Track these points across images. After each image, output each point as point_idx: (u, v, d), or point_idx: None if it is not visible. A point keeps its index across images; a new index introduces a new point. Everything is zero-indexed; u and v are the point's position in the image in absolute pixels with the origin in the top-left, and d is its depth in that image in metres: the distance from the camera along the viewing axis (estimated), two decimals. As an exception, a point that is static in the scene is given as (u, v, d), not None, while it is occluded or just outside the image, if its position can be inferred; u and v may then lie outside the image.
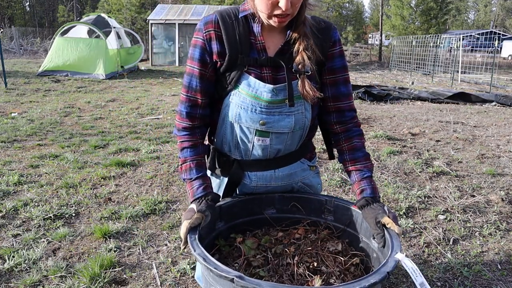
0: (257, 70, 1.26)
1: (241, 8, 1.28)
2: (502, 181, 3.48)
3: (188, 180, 1.31)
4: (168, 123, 5.66)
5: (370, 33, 48.08)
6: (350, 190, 3.23)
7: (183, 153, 1.33)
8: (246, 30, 1.25)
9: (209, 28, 1.24)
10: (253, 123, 1.28)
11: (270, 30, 1.27)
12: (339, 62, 1.32)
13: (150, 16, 17.87)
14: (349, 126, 1.38)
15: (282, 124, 1.28)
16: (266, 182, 1.41)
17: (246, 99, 1.26)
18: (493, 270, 2.14)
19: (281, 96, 1.25)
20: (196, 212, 1.21)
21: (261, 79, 1.25)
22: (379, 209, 1.24)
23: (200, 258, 1.04)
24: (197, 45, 1.26)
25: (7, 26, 29.55)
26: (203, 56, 1.26)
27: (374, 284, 0.96)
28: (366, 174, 1.34)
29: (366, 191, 1.31)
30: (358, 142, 1.37)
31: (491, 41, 24.86)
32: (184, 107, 1.31)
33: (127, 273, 2.06)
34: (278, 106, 1.26)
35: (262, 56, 1.25)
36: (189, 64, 1.29)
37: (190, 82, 1.30)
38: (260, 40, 1.25)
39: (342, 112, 1.37)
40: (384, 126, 5.62)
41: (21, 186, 3.17)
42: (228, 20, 1.24)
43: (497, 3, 59.04)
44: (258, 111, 1.26)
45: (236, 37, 1.23)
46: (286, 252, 1.29)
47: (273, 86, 1.24)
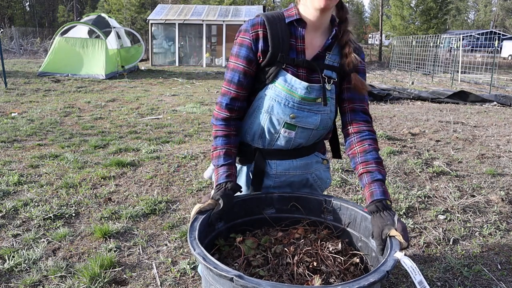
0: (294, 69, 1.38)
1: (286, 14, 1.41)
2: (502, 181, 3.48)
3: (216, 166, 1.41)
4: (168, 123, 5.66)
5: (370, 33, 48.09)
6: (350, 190, 3.24)
7: (216, 141, 1.44)
8: (288, 32, 1.37)
9: (256, 29, 1.37)
10: (284, 115, 1.39)
11: (311, 35, 1.40)
12: (362, 77, 1.44)
13: (150, 16, 17.86)
14: (362, 128, 1.41)
15: (309, 121, 1.41)
16: (285, 170, 1.51)
17: (281, 93, 1.38)
18: (493, 270, 2.14)
19: (313, 95, 1.38)
20: (210, 198, 1.31)
21: (297, 77, 1.37)
22: (388, 219, 1.21)
23: (200, 257, 1.05)
24: (243, 44, 1.38)
25: (7, 26, 29.56)
26: (249, 54, 1.38)
27: (374, 283, 0.96)
28: (376, 177, 1.32)
29: (375, 193, 1.28)
30: (370, 145, 1.38)
31: (491, 41, 24.87)
32: (225, 99, 1.42)
33: (127, 273, 2.06)
34: (308, 104, 1.38)
35: (300, 57, 1.38)
36: (234, 60, 1.40)
37: (233, 77, 1.40)
38: (300, 43, 1.38)
39: (356, 112, 1.43)
40: (384, 126, 5.63)
41: (21, 186, 3.17)
42: (273, 22, 1.37)
43: (497, 3, 59.03)
44: (290, 105, 1.38)
45: (279, 37, 1.36)
46: (285, 251, 1.29)
47: (308, 84, 1.36)
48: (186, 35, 17.87)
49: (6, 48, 21.19)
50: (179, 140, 4.71)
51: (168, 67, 16.37)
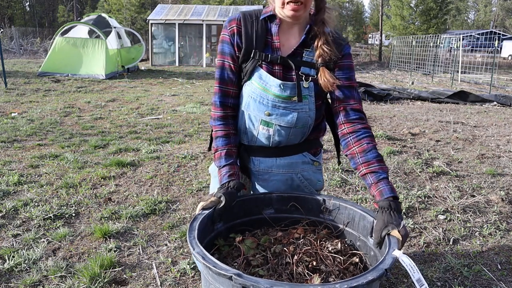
0: (269, 66, 1.38)
1: (263, 10, 1.43)
2: (502, 181, 3.48)
3: (218, 168, 1.43)
4: (168, 123, 5.67)
5: (370, 33, 48.10)
6: (350, 190, 3.24)
7: (216, 142, 1.46)
8: (263, 29, 1.39)
9: (232, 25, 1.41)
10: (259, 112, 1.41)
11: (287, 32, 1.41)
12: (346, 73, 1.41)
13: (150, 16, 17.87)
14: (357, 127, 1.39)
15: (285, 119, 1.40)
16: (267, 168, 1.52)
17: (256, 90, 1.39)
18: (493, 270, 2.14)
19: (287, 92, 1.37)
20: (212, 196, 1.33)
21: (272, 74, 1.37)
22: (395, 220, 1.20)
23: (199, 256, 1.05)
24: (224, 41, 1.42)
25: (7, 26, 29.56)
26: (231, 49, 1.41)
27: (372, 281, 0.96)
28: (382, 176, 1.31)
29: (385, 191, 1.27)
30: (368, 143, 1.36)
31: (491, 41, 24.86)
32: (218, 97, 1.45)
33: (127, 273, 2.07)
34: (283, 102, 1.38)
35: (275, 54, 1.38)
36: (219, 58, 1.44)
37: (221, 74, 1.44)
38: (276, 40, 1.39)
39: (348, 111, 1.40)
40: (384, 126, 5.63)
41: (21, 186, 3.17)
42: (248, 19, 1.40)
43: (497, 3, 59.04)
44: (264, 103, 1.39)
45: (253, 33, 1.38)
46: (285, 251, 1.30)
47: (281, 81, 1.36)
48: (186, 35, 17.86)
49: (6, 48, 21.20)
50: (179, 140, 4.71)
51: (168, 67, 16.37)
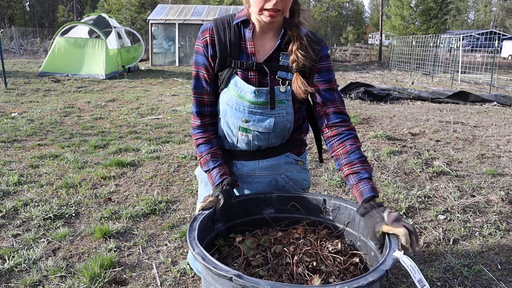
0: (245, 72, 1.38)
1: (236, 15, 1.40)
2: (502, 181, 3.48)
3: (208, 172, 1.44)
4: (168, 123, 5.66)
5: (370, 33, 48.09)
6: (350, 190, 3.24)
7: (199, 149, 1.47)
8: (237, 35, 1.37)
9: (205, 35, 1.39)
10: (236, 119, 1.41)
11: (261, 37, 1.39)
12: (325, 75, 1.39)
13: (150, 16, 17.86)
14: (341, 130, 1.37)
15: (262, 124, 1.40)
16: (250, 171, 1.53)
17: (232, 98, 1.39)
18: (493, 270, 2.14)
19: (262, 98, 1.36)
20: (210, 196, 1.34)
21: (247, 81, 1.37)
22: (377, 216, 1.20)
23: (199, 257, 1.05)
24: (198, 52, 1.41)
25: (7, 26, 29.55)
26: (205, 61, 1.41)
27: (373, 282, 0.96)
28: (363, 176, 1.30)
29: (364, 191, 1.27)
30: (352, 145, 1.35)
31: (491, 41, 24.85)
32: (194, 107, 1.47)
33: (127, 273, 2.06)
34: (259, 108, 1.38)
35: (250, 60, 1.37)
36: (194, 68, 1.44)
37: (196, 84, 1.44)
38: (250, 45, 1.37)
39: (330, 115, 1.39)
40: (384, 126, 5.63)
41: (21, 186, 3.17)
42: (221, 26, 1.38)
43: (497, 3, 59.03)
44: (241, 110, 1.39)
45: (226, 41, 1.36)
46: (285, 251, 1.29)
47: (255, 88, 1.35)
48: (186, 35, 17.86)
49: (6, 48, 21.19)
50: (179, 140, 4.71)
51: (168, 67, 16.37)
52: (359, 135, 4.93)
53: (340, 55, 28.05)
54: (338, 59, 26.23)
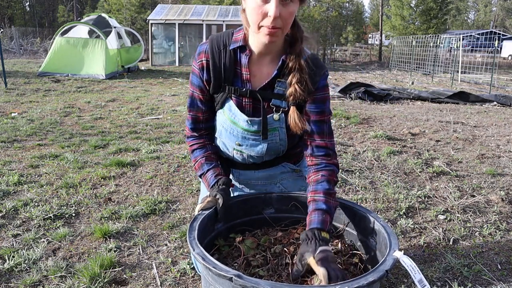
0: (239, 98, 1.37)
1: (233, 38, 1.36)
2: (502, 181, 3.48)
3: (202, 175, 1.44)
4: (168, 123, 5.66)
5: (370, 33, 48.08)
6: (350, 190, 3.24)
7: (194, 154, 1.48)
8: (232, 60, 1.34)
9: (201, 58, 1.38)
10: (230, 141, 1.44)
11: (258, 61, 1.35)
12: (318, 107, 1.35)
13: (150, 16, 17.86)
14: (320, 161, 1.36)
15: (255, 149, 1.43)
16: (246, 180, 1.57)
17: (226, 121, 1.41)
18: (493, 270, 2.14)
19: (255, 127, 1.37)
20: (208, 197, 1.34)
21: (241, 107, 1.37)
22: (310, 247, 1.14)
23: (199, 257, 1.05)
24: (194, 73, 1.42)
25: (7, 26, 29.55)
26: (200, 82, 1.41)
27: (373, 282, 0.96)
28: (320, 207, 1.26)
29: (312, 222, 1.23)
30: (323, 176, 1.33)
31: (491, 41, 24.85)
32: (189, 123, 1.49)
33: (127, 273, 2.06)
34: (252, 135, 1.39)
35: (245, 86, 1.36)
36: (190, 88, 1.45)
37: (191, 103, 1.46)
38: (245, 72, 1.35)
39: (313, 147, 1.37)
40: (384, 126, 5.63)
41: (21, 186, 3.17)
42: (216, 50, 1.35)
43: (497, 3, 59.02)
44: (235, 134, 1.41)
45: (221, 66, 1.34)
46: (285, 251, 1.29)
47: (247, 118, 1.36)
48: (186, 35, 17.86)
49: (6, 48, 21.19)
50: (179, 140, 4.71)
51: (168, 67, 16.37)
52: (359, 135, 4.95)
53: (340, 55, 28.04)
54: (338, 59, 26.23)
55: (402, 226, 2.63)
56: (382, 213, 2.82)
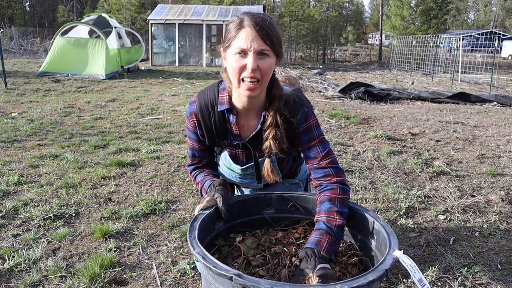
0: (232, 149, 1.53)
1: (219, 99, 1.46)
2: (502, 181, 3.48)
3: (202, 189, 1.55)
4: (168, 123, 5.66)
5: (370, 33, 48.08)
6: (350, 190, 3.23)
7: (196, 179, 1.60)
8: (222, 119, 1.47)
9: (193, 118, 1.52)
10: (232, 180, 1.64)
11: (245, 116, 1.47)
12: (304, 137, 1.45)
13: (150, 16, 17.86)
14: (321, 183, 1.43)
15: (253, 185, 1.62)
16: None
17: (224, 167, 1.60)
18: (493, 270, 2.14)
19: (250, 171, 1.55)
20: (207, 197, 1.40)
21: (235, 157, 1.55)
22: (310, 264, 1.17)
23: (200, 256, 1.05)
24: (189, 129, 1.56)
25: (7, 26, 29.54)
26: (196, 136, 1.55)
27: (373, 281, 0.96)
28: (319, 227, 1.31)
29: (310, 241, 1.27)
30: (325, 196, 1.39)
31: (491, 41, 24.85)
32: (193, 167, 1.64)
33: (127, 273, 2.06)
34: (249, 176, 1.58)
35: (236, 139, 1.50)
36: (188, 140, 1.60)
37: (192, 153, 1.62)
38: (235, 128, 1.48)
39: (314, 170, 1.46)
40: (384, 126, 5.63)
41: (21, 186, 3.17)
42: (205, 111, 1.48)
43: (497, 3, 59.01)
44: (233, 176, 1.60)
45: (212, 125, 1.48)
46: (285, 251, 1.29)
47: (241, 167, 1.54)
48: (186, 35, 17.86)
49: (6, 48, 21.19)
50: (179, 140, 4.71)
51: (168, 67, 16.37)
52: (359, 135, 4.95)
53: (340, 55, 28.05)
54: (338, 59, 26.23)
55: (402, 226, 2.63)
56: (382, 213, 2.82)
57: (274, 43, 1.29)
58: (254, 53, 1.26)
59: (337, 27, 30.38)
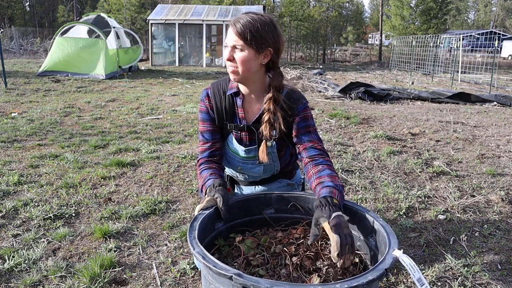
0: (238, 132, 1.68)
1: (229, 85, 1.67)
2: (502, 181, 3.48)
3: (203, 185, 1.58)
4: (168, 123, 5.66)
5: (370, 33, 48.08)
6: (350, 190, 3.24)
7: (201, 174, 1.64)
8: (231, 103, 1.66)
9: (206, 101, 1.70)
10: (233, 166, 1.76)
11: (249, 101, 1.65)
12: (302, 124, 1.60)
13: (150, 16, 17.86)
14: (316, 158, 1.53)
15: (253, 171, 1.72)
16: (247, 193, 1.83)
17: (229, 151, 1.72)
18: (493, 270, 2.14)
19: (252, 154, 1.67)
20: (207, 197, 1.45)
21: (240, 140, 1.69)
22: (325, 213, 1.25)
23: (200, 256, 1.05)
24: (203, 111, 1.71)
25: (7, 26, 29.55)
26: (208, 117, 1.69)
27: (372, 280, 0.97)
28: (327, 184, 1.38)
29: (322, 192, 1.34)
30: (323, 166, 1.49)
31: (491, 41, 24.86)
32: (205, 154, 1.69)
33: (127, 273, 2.07)
34: (250, 160, 1.69)
35: (241, 123, 1.66)
36: (201, 124, 1.72)
37: (204, 137, 1.71)
38: (240, 111, 1.66)
39: (308, 150, 1.57)
40: (384, 126, 5.63)
41: (21, 186, 3.17)
42: (217, 95, 1.67)
43: (497, 3, 59.01)
44: (236, 160, 1.72)
45: (222, 109, 1.66)
46: (285, 251, 1.29)
47: (244, 148, 1.66)
48: (186, 35, 17.86)
49: (6, 48, 21.20)
50: (179, 140, 4.71)
51: (168, 67, 16.37)
52: (359, 135, 4.96)
53: (340, 55, 28.05)
54: (338, 59, 26.23)
55: (402, 226, 2.63)
56: (382, 213, 2.82)
57: (247, 38, 1.46)
58: (230, 47, 1.51)
59: (337, 27, 30.39)
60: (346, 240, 1.17)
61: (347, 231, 1.20)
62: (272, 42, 1.51)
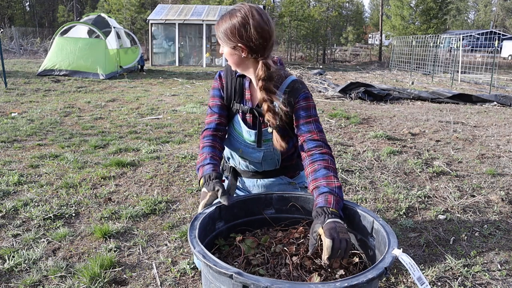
0: (243, 114, 1.72)
1: None
2: (502, 181, 3.48)
3: (202, 166, 1.59)
4: (168, 123, 5.66)
5: (370, 33, 48.07)
6: (350, 190, 3.24)
7: (202, 150, 1.66)
8: (240, 84, 1.73)
9: (219, 80, 1.78)
10: (235, 149, 1.78)
11: (253, 87, 1.70)
12: (303, 113, 1.61)
13: (150, 16, 17.86)
14: (314, 152, 1.53)
15: (253, 156, 1.73)
16: (249, 186, 1.86)
17: (233, 132, 1.76)
18: (493, 270, 2.14)
19: (253, 137, 1.69)
20: (208, 192, 1.46)
21: (244, 121, 1.72)
22: (320, 219, 1.26)
23: (200, 255, 1.05)
24: (215, 88, 1.79)
25: (7, 26, 29.55)
26: (220, 93, 1.77)
27: (372, 279, 0.97)
28: (322, 191, 1.38)
29: (319, 203, 1.34)
30: (319, 165, 1.48)
31: (491, 41, 24.87)
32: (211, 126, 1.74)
33: (127, 273, 2.07)
34: (251, 143, 1.71)
35: (247, 104, 1.71)
36: (211, 100, 1.78)
37: (212, 110, 1.77)
38: (247, 93, 1.72)
39: (306, 142, 1.58)
40: (384, 126, 5.63)
41: (21, 186, 3.17)
42: (229, 76, 1.75)
43: (497, 3, 59.02)
44: (239, 141, 1.74)
45: (231, 89, 1.73)
46: (285, 251, 1.30)
47: (247, 129, 1.70)
48: (186, 35, 17.85)
49: (6, 48, 21.20)
50: (179, 140, 4.71)
51: (168, 67, 16.37)
52: (359, 135, 4.95)
53: (340, 55, 28.04)
54: (338, 59, 26.23)
55: (402, 226, 2.63)
56: (382, 213, 2.82)
57: (220, 38, 1.57)
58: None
59: (337, 27, 30.39)
60: (340, 244, 1.16)
61: (344, 236, 1.19)
62: (242, 39, 1.51)
